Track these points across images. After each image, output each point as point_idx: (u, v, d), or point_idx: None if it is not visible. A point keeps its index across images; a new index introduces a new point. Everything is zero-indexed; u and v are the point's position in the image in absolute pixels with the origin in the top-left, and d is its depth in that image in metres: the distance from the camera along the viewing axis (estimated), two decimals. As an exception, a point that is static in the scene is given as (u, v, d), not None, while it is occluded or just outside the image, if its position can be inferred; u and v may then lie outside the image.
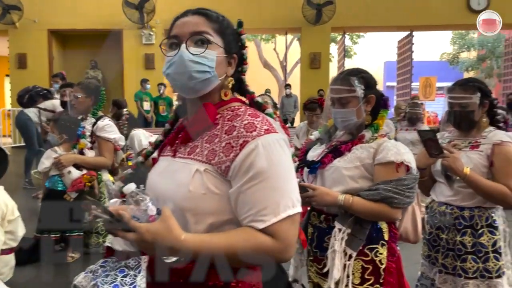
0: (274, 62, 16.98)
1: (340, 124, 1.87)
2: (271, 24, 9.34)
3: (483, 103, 2.14)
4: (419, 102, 6.18)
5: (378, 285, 1.72)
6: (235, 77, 1.14)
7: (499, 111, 4.63)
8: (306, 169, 1.93)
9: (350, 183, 1.76)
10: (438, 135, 2.37)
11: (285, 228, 0.99)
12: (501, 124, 2.22)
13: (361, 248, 1.72)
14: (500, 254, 2.09)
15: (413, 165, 1.76)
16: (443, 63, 17.20)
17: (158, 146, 1.24)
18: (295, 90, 10.09)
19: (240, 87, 1.19)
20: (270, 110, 1.19)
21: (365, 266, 1.72)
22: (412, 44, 9.29)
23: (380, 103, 1.87)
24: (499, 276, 2.07)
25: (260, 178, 0.98)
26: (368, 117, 1.85)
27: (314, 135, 2.05)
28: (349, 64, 17.50)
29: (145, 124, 8.55)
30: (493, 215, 2.11)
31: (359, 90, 1.80)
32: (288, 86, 10.35)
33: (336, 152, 1.84)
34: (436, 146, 2.00)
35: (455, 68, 17.01)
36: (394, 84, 10.85)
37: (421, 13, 8.69)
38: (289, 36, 14.84)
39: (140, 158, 1.29)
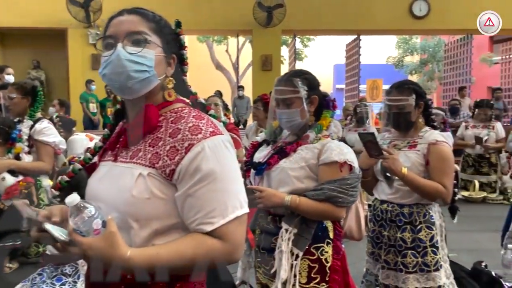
0: (226, 64, 16.97)
1: (285, 124, 1.90)
2: (223, 25, 9.33)
3: (418, 104, 2.25)
4: (367, 103, 6.40)
5: (324, 283, 1.75)
6: (176, 78, 1.12)
7: (439, 111, 4.92)
8: (252, 171, 1.94)
9: (296, 183, 1.79)
10: (380, 136, 2.46)
11: (233, 230, 0.99)
12: (436, 124, 2.33)
13: (307, 247, 1.76)
14: (437, 248, 2.19)
15: (355, 164, 1.81)
16: (389, 66, 17.94)
17: (97, 151, 1.20)
18: (248, 92, 10.14)
19: (182, 88, 1.17)
20: (213, 111, 1.19)
21: (312, 265, 1.75)
22: (360, 47, 9.60)
23: (323, 104, 1.91)
24: (437, 269, 2.18)
25: (208, 180, 0.97)
26: (312, 117, 1.89)
27: (260, 136, 2.07)
28: (300, 66, 17.86)
29: (92, 126, 8.26)
30: (430, 211, 2.21)
31: (303, 91, 1.83)
32: (240, 88, 10.37)
33: (281, 153, 1.87)
34: (376, 147, 2.08)
35: (400, 71, 17.78)
36: (343, 86, 11.15)
37: (367, 18, 9.00)
38: (242, 38, 14.92)
39: (78, 165, 1.24)
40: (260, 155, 1.96)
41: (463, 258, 3.22)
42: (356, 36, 9.64)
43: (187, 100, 1.15)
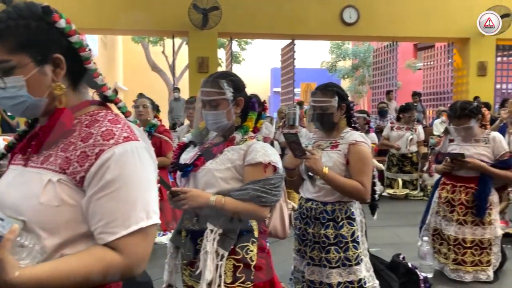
0: (163, 65, 16.66)
1: (212, 126, 1.91)
2: (158, 26, 9.15)
3: (340, 106, 2.37)
4: (300, 106, 6.59)
5: (249, 282, 1.77)
6: (74, 74, 1.03)
7: (360, 115, 5.17)
8: (179, 172, 1.93)
9: (222, 184, 1.80)
10: (306, 136, 2.56)
11: (135, 242, 0.95)
12: (358, 126, 2.46)
13: (232, 247, 1.77)
14: (358, 243, 2.32)
15: (279, 165, 1.86)
16: (323, 71, 18.57)
17: (11, 149, 1.12)
18: (185, 94, 10.02)
19: (88, 81, 1.08)
20: (122, 103, 1.13)
21: (237, 264, 1.77)
22: (294, 52, 9.85)
23: (249, 105, 1.95)
24: (358, 263, 2.30)
25: (112, 189, 0.93)
26: (238, 119, 1.91)
27: (187, 137, 2.06)
28: (238, 69, 17.98)
29: (10, 130, 7.76)
30: (351, 208, 2.33)
31: (228, 93, 1.85)
32: (176, 89, 10.23)
33: (208, 154, 1.87)
34: (299, 148, 2.16)
35: (334, 75, 18.47)
36: (280, 89, 11.39)
37: (301, 23, 9.27)
38: (179, 40, 14.72)
39: None
40: (187, 157, 1.96)
41: (385, 252, 3.41)
42: (290, 40, 9.88)
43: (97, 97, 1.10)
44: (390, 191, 6.29)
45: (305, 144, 2.44)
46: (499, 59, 10.05)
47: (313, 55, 19.41)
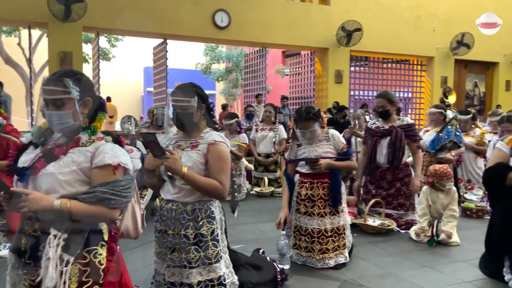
0: (19, 58, 14.91)
1: (56, 127, 1.77)
2: (13, 15, 8.17)
3: (200, 106, 2.39)
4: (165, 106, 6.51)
5: (97, 286, 1.69)
6: None
7: (232, 120, 5.30)
8: (16, 177, 1.74)
9: (66, 188, 1.68)
10: (167, 136, 2.53)
11: None
12: (218, 126, 2.51)
13: (78, 251, 1.67)
14: (217, 241, 2.36)
15: (130, 166, 1.81)
16: (198, 72, 18.63)
17: None
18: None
19: None
20: None
21: (83, 269, 1.67)
22: (167, 51, 9.66)
23: (98, 106, 1.85)
24: (217, 261, 2.34)
25: None
26: (86, 119, 1.82)
27: (26, 137, 1.87)
28: (107, 67, 17.01)
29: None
30: (211, 207, 2.36)
31: (75, 92, 1.74)
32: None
33: (50, 156, 1.73)
34: (158, 148, 2.12)
35: (208, 78, 18.68)
36: (153, 89, 11.07)
37: (173, 23, 9.14)
38: (38, 32, 13.32)
39: None
40: (26, 159, 1.78)
41: (249, 248, 3.54)
42: (162, 40, 9.69)
43: None
44: (257, 189, 6.59)
45: (165, 145, 2.41)
46: (352, 68, 11.24)
47: (188, 56, 19.36)
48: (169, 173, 2.26)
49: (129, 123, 5.40)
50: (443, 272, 3.31)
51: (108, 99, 14.10)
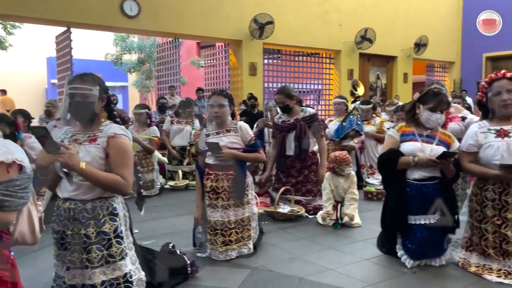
0: None
1: None
2: None
3: (102, 97, 2.29)
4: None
5: None
6: None
7: (142, 110, 5.16)
8: None
9: None
10: (62, 130, 2.38)
11: None
12: (118, 120, 2.42)
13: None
14: (122, 238, 2.29)
15: (26, 163, 1.68)
16: (108, 63, 17.70)
17: None
18: None
19: None
20: None
21: None
22: (71, 40, 9.03)
23: None
24: (122, 258, 2.27)
25: None
26: None
27: None
28: (4, 56, 15.50)
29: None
30: (113, 203, 2.28)
31: None
32: None
33: None
34: (52, 143, 1.99)
35: (120, 69, 17.85)
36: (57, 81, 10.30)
37: (77, 11, 8.57)
38: None
39: None
40: None
41: (161, 242, 3.47)
42: (66, 28, 9.04)
43: None
44: (172, 183, 6.49)
45: (60, 139, 2.27)
46: (266, 61, 11.47)
47: (97, 46, 18.30)
48: (65, 170, 2.13)
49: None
50: (345, 252, 3.55)
51: (3, 91, 12.89)
